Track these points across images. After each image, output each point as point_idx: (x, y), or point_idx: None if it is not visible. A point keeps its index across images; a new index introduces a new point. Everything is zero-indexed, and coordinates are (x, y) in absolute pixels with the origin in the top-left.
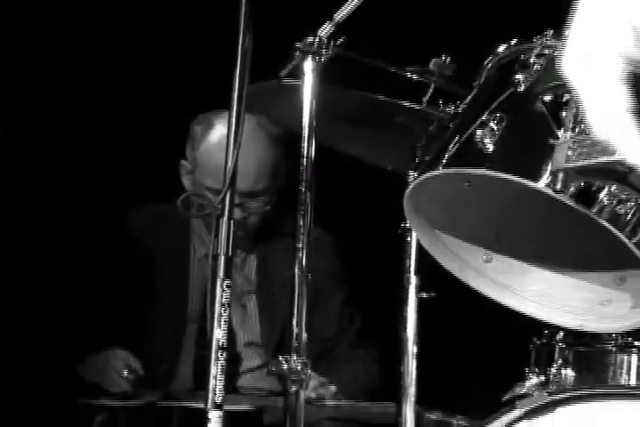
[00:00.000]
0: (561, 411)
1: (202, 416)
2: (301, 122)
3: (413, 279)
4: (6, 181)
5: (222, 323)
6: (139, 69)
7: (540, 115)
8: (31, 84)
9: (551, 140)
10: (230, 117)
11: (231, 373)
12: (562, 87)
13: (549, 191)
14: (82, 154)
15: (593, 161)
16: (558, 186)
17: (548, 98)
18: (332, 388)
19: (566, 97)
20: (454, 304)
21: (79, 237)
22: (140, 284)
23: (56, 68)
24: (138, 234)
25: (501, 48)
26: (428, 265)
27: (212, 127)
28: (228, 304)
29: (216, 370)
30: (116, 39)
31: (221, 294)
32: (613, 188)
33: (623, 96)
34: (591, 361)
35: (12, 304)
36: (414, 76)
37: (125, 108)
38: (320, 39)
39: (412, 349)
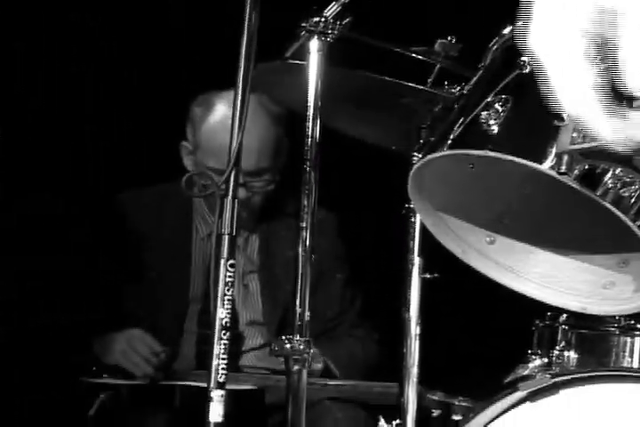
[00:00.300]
0: (564, 393)
1: (204, 395)
2: (306, 102)
3: (417, 260)
4: (6, 181)
5: (225, 303)
6: (141, 54)
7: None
8: (31, 84)
9: (556, 122)
10: (236, 98)
11: (234, 352)
12: None
13: (554, 173)
14: (82, 154)
15: (598, 143)
16: (563, 168)
17: None
18: (319, 365)
19: None
20: (457, 286)
21: (79, 237)
22: (141, 264)
23: (56, 68)
24: (138, 214)
25: (507, 29)
26: (431, 246)
27: (212, 108)
28: (232, 284)
29: (219, 349)
30: (116, 39)
31: (225, 274)
32: (618, 170)
33: (588, 73)
34: (594, 343)
35: (11, 304)
36: (420, 57)
37: (126, 104)
38: (326, 19)
39: (414, 329)
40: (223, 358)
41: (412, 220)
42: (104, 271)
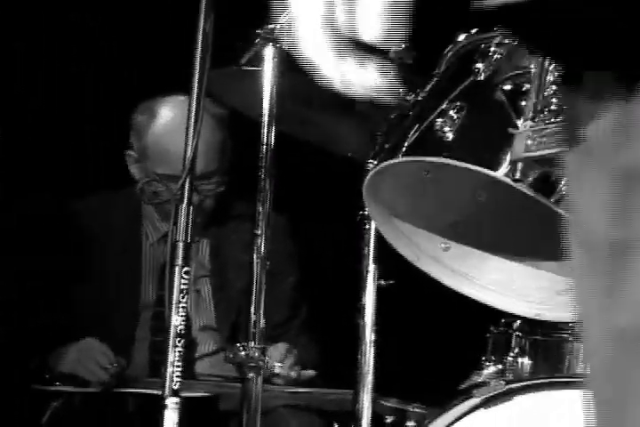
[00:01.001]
0: (517, 399)
1: (158, 403)
2: (261, 108)
3: (372, 267)
4: (6, 181)
5: (180, 309)
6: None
7: (500, 104)
8: (31, 84)
9: (511, 130)
10: (191, 103)
11: (186, 358)
12: (521, 76)
13: (508, 180)
14: (82, 154)
15: (552, 151)
16: (517, 175)
17: (507, 87)
18: (311, 371)
19: (526, 86)
20: (412, 292)
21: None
22: (90, 272)
23: (56, 68)
24: (86, 222)
25: (462, 37)
26: (386, 253)
27: (155, 115)
28: (186, 291)
29: (173, 357)
30: (116, 39)
31: (179, 281)
32: None
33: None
34: (548, 350)
35: (12, 304)
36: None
37: (125, 108)
38: (281, 26)
39: (369, 336)
40: (177, 366)
41: (367, 226)
42: (53, 275)
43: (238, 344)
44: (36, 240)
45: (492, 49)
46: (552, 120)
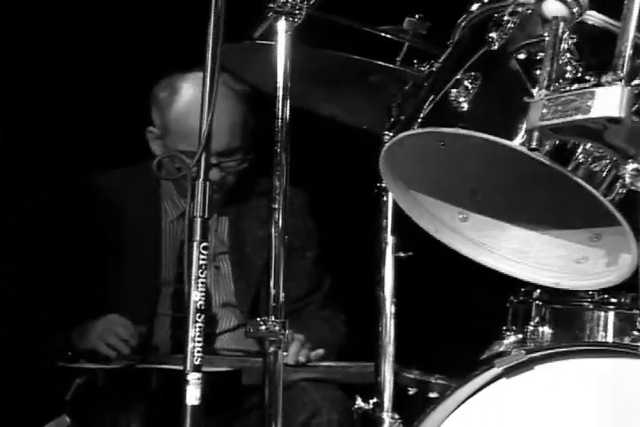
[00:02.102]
0: (539, 368)
1: (181, 378)
2: (275, 83)
3: (390, 239)
4: (6, 181)
5: (199, 285)
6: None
7: (515, 73)
8: (31, 84)
9: (526, 99)
10: (205, 78)
11: (208, 334)
12: (535, 45)
13: (524, 149)
14: (82, 154)
15: (568, 119)
16: (533, 144)
17: (522, 56)
18: (320, 351)
19: (540, 55)
20: (431, 263)
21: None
22: (111, 248)
23: (56, 68)
24: (107, 197)
25: (475, 6)
26: (404, 225)
27: (177, 92)
28: (205, 267)
29: (194, 332)
30: (116, 39)
31: (198, 257)
32: (588, 146)
33: None
34: (568, 319)
35: (12, 304)
36: (388, 36)
37: (125, 103)
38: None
39: (389, 308)
40: (199, 341)
41: (385, 199)
42: (75, 253)
43: (258, 319)
44: (57, 217)
45: (506, 18)
46: (567, 88)
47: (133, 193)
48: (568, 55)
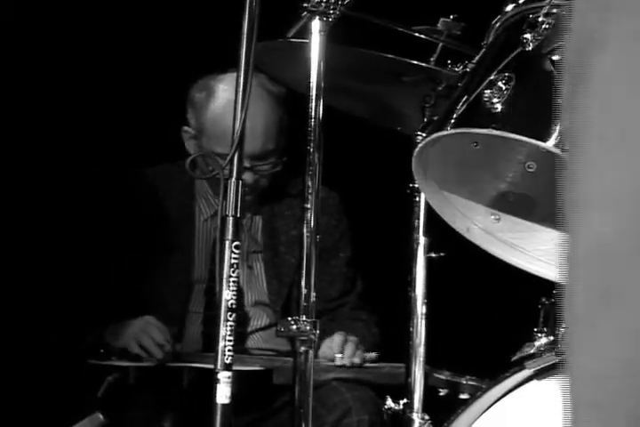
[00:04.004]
0: None
1: (211, 377)
2: (309, 82)
3: (422, 240)
4: (6, 180)
5: (231, 284)
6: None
7: (549, 74)
8: (72, 82)
9: (560, 100)
10: (238, 78)
11: (239, 333)
12: None
13: (558, 151)
14: (82, 151)
15: None
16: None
17: (556, 57)
18: (373, 354)
19: None
20: (463, 264)
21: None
22: (144, 246)
23: (94, 68)
24: (143, 195)
25: (510, 7)
26: (436, 225)
27: (214, 93)
28: (237, 265)
29: (225, 331)
30: (168, 14)
31: (230, 256)
32: None
33: None
34: None
35: (45, 302)
36: (422, 36)
37: (177, 82)
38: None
39: (420, 309)
40: (229, 340)
41: (417, 199)
42: (110, 250)
43: (289, 318)
44: (91, 215)
45: (540, 19)
46: None
47: (169, 191)
48: None
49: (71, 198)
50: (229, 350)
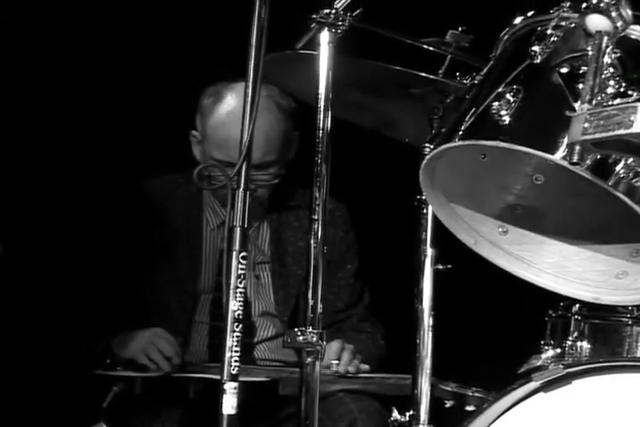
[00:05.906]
0: (577, 383)
1: (217, 388)
2: (317, 94)
3: (429, 252)
4: (6, 180)
5: (238, 295)
6: (151, 44)
7: (557, 87)
8: (84, 89)
9: (568, 113)
10: (246, 87)
11: (246, 343)
12: (578, 59)
13: (565, 164)
14: (83, 151)
15: (610, 133)
16: (575, 158)
17: (564, 70)
18: (366, 366)
19: (583, 69)
20: (470, 276)
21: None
22: (152, 256)
23: (55, 68)
24: (149, 204)
25: (518, 20)
26: (443, 237)
27: (220, 100)
28: (244, 276)
29: (231, 342)
30: (120, 32)
31: (237, 266)
32: (630, 161)
33: None
34: (606, 334)
35: (52, 311)
36: (431, 48)
37: (186, 90)
38: (336, 11)
39: (427, 321)
40: (236, 351)
41: (424, 211)
42: (116, 261)
43: (296, 329)
44: (98, 225)
45: (549, 32)
46: (609, 103)
47: (176, 201)
48: (611, 70)
49: (80, 208)
50: (236, 361)
